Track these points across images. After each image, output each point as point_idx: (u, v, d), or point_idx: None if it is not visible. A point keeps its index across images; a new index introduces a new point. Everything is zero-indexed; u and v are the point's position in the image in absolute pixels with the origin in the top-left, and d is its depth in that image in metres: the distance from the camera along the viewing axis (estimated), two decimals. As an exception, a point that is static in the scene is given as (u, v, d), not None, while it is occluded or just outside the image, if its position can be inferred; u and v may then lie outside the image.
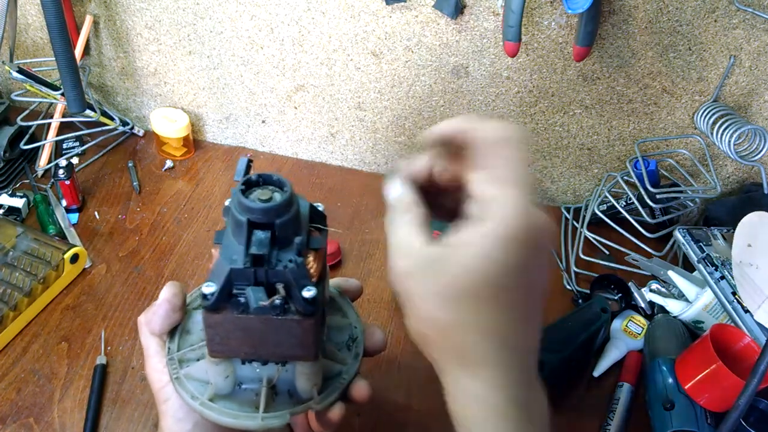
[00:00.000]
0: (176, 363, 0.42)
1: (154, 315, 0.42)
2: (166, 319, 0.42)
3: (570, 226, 0.93)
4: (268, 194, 0.37)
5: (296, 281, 0.36)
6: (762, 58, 0.77)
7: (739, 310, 0.69)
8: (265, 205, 0.36)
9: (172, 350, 0.43)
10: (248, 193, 0.37)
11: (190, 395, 0.40)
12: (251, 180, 0.38)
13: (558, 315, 0.72)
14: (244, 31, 0.88)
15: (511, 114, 0.89)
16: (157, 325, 0.42)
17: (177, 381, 0.41)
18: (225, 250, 0.37)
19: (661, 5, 0.74)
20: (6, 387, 0.65)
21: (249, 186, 0.38)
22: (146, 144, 1.02)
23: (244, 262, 0.36)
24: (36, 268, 0.73)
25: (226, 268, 0.36)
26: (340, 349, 0.45)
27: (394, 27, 0.83)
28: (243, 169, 0.40)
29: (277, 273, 0.36)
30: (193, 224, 0.88)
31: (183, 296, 0.44)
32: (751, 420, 0.64)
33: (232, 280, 0.36)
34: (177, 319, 0.43)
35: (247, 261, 0.36)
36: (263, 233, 0.36)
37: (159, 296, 0.43)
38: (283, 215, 0.37)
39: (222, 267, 0.36)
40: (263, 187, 0.38)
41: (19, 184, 0.90)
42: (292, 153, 1.03)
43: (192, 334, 0.44)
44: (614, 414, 0.67)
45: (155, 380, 0.42)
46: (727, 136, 0.76)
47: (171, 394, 0.41)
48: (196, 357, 0.43)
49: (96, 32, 0.95)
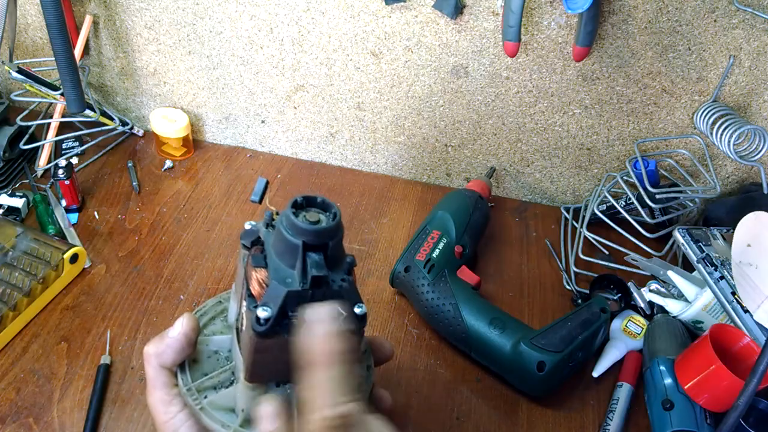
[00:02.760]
0: (195, 393, 0.41)
1: (168, 348, 0.41)
2: (180, 353, 0.41)
3: (570, 226, 0.93)
4: (316, 216, 0.38)
5: (350, 299, 0.37)
6: (762, 58, 0.77)
7: (739, 310, 0.69)
8: (320, 228, 0.37)
9: (186, 381, 0.42)
10: (297, 214, 0.38)
11: (221, 424, 0.40)
12: (297, 202, 0.39)
13: (557, 315, 0.72)
14: (244, 31, 0.88)
15: (511, 114, 0.89)
16: (170, 359, 0.41)
17: (203, 411, 0.40)
18: (275, 272, 0.37)
19: (660, 5, 0.74)
20: (5, 387, 0.65)
21: (296, 208, 0.39)
22: (146, 144, 1.02)
23: (300, 284, 0.36)
24: (35, 268, 0.73)
25: (281, 291, 0.36)
26: None
27: (394, 27, 0.83)
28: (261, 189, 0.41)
29: (333, 293, 0.37)
30: (192, 224, 0.88)
31: (198, 330, 0.43)
32: (751, 420, 0.64)
33: (288, 303, 0.36)
34: (190, 352, 0.42)
35: (305, 282, 0.36)
36: (317, 255, 0.37)
37: (174, 327, 0.41)
38: (335, 236, 0.38)
39: (277, 291, 0.36)
40: (307, 209, 0.39)
41: (19, 184, 0.90)
42: (291, 153, 1.03)
43: (201, 363, 0.43)
44: (614, 414, 0.67)
45: (162, 412, 0.41)
46: (726, 136, 0.76)
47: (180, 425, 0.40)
48: (213, 385, 0.42)
49: (96, 32, 0.95)
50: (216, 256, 0.83)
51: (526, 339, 0.66)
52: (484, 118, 0.90)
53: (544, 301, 0.82)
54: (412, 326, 0.76)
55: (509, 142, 0.93)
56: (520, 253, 0.90)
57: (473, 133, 0.93)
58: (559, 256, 0.89)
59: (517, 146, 0.93)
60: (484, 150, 0.94)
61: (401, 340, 0.75)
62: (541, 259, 0.89)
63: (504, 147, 0.93)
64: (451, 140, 0.94)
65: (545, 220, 0.96)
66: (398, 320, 0.77)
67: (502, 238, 0.92)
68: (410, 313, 0.78)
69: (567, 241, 0.91)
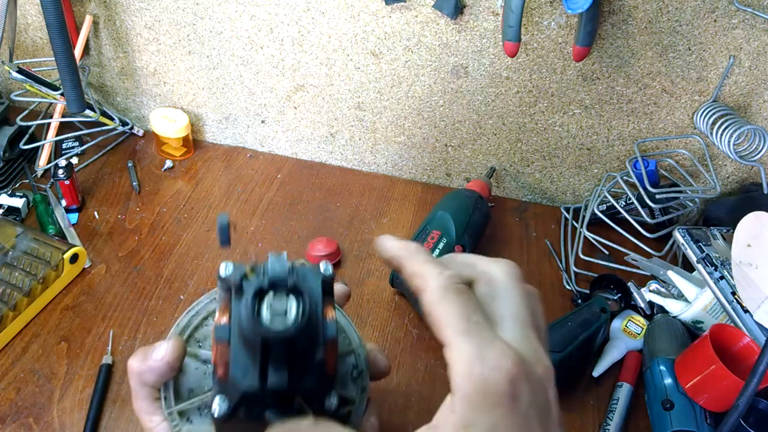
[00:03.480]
0: (177, 418, 0.39)
1: (150, 371, 0.40)
2: (162, 377, 0.40)
3: (570, 226, 0.93)
4: (283, 305, 0.31)
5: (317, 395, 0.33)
6: (762, 58, 0.77)
7: (739, 310, 0.69)
8: (284, 330, 0.30)
9: (169, 400, 0.40)
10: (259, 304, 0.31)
11: None
12: (263, 288, 0.32)
13: (558, 315, 0.72)
14: (244, 31, 0.88)
15: (511, 114, 0.89)
16: (151, 380, 0.40)
17: None
18: (236, 359, 0.32)
19: (660, 5, 0.74)
20: (5, 387, 0.65)
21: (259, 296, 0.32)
22: (146, 144, 1.02)
23: (259, 386, 0.31)
24: (35, 268, 0.73)
25: (238, 390, 0.31)
26: (345, 383, 0.41)
27: (394, 27, 0.83)
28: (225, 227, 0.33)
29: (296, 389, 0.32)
30: (192, 224, 0.88)
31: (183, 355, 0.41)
32: (751, 420, 0.64)
33: (246, 399, 0.32)
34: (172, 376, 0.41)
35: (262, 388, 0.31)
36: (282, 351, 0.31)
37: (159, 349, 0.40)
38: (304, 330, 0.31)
39: (234, 386, 0.31)
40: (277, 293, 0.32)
41: (19, 184, 0.90)
42: (291, 153, 1.03)
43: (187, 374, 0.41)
44: (614, 414, 0.67)
45: (146, 420, 0.40)
46: (726, 136, 0.76)
47: None
48: (197, 405, 0.40)
49: (96, 32, 0.95)
50: (216, 256, 0.83)
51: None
52: (484, 118, 0.90)
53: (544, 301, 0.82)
54: (412, 326, 0.76)
55: (509, 142, 0.93)
56: (520, 253, 0.90)
57: (473, 133, 0.93)
58: (559, 256, 0.89)
59: (517, 146, 0.93)
60: (484, 150, 0.94)
61: (401, 340, 0.75)
62: (541, 259, 0.89)
63: (504, 147, 0.93)
64: (451, 140, 0.94)
65: (545, 220, 0.96)
66: (398, 320, 0.77)
67: (502, 238, 0.92)
68: (410, 313, 0.78)
69: (567, 241, 0.91)
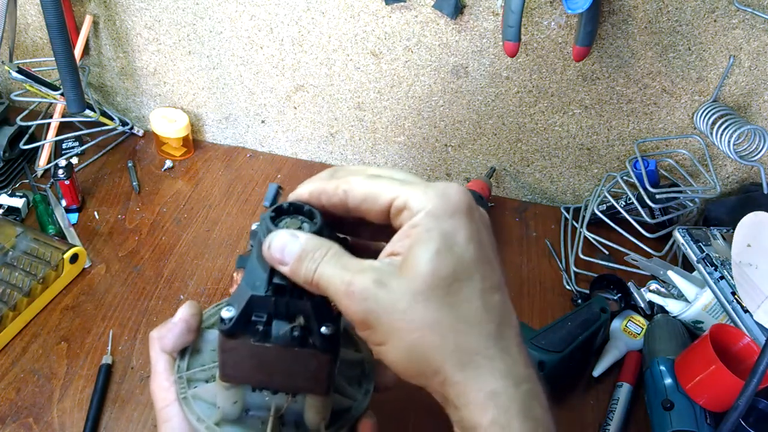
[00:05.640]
0: (185, 382, 0.41)
1: (169, 332, 0.42)
2: (180, 338, 0.42)
3: (570, 226, 0.93)
4: (297, 224, 0.36)
5: (316, 316, 0.36)
6: (762, 58, 0.77)
7: (739, 310, 0.69)
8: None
9: (181, 369, 0.42)
10: (278, 221, 0.37)
11: (196, 417, 0.40)
12: (282, 208, 0.37)
13: (557, 315, 0.72)
14: (244, 31, 0.88)
15: (511, 114, 0.89)
16: (170, 343, 0.42)
17: (185, 401, 0.40)
18: (248, 275, 0.36)
19: (660, 5, 0.74)
20: (5, 387, 0.65)
21: (279, 213, 0.37)
22: (146, 144, 1.02)
23: (265, 290, 0.35)
24: (35, 268, 0.73)
25: (246, 294, 0.35)
26: (351, 384, 0.44)
27: (394, 27, 0.83)
28: (272, 195, 0.39)
29: (298, 305, 0.36)
30: (192, 224, 0.88)
31: (200, 317, 0.43)
32: (751, 420, 0.64)
33: (252, 307, 0.36)
34: (190, 339, 0.42)
35: (269, 289, 0.35)
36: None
37: (176, 314, 0.42)
38: None
39: (243, 292, 0.36)
40: (293, 216, 0.37)
41: (19, 184, 0.90)
42: (291, 153, 1.03)
43: (203, 354, 0.43)
44: (614, 414, 0.67)
45: (160, 398, 0.41)
46: (726, 136, 0.76)
47: (173, 415, 0.40)
48: (205, 378, 0.42)
49: (96, 32, 0.95)
50: (216, 256, 0.83)
51: (526, 339, 0.66)
52: (484, 118, 0.90)
53: (544, 301, 0.82)
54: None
55: (509, 142, 0.93)
56: (520, 253, 0.90)
57: (473, 133, 0.93)
58: (559, 256, 0.89)
59: (517, 146, 0.93)
60: (484, 150, 0.94)
61: (401, 340, 0.74)
62: (541, 259, 0.89)
63: (504, 147, 0.93)
64: (451, 140, 0.94)
65: (545, 220, 0.96)
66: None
67: (502, 238, 0.92)
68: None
69: (567, 241, 0.91)
